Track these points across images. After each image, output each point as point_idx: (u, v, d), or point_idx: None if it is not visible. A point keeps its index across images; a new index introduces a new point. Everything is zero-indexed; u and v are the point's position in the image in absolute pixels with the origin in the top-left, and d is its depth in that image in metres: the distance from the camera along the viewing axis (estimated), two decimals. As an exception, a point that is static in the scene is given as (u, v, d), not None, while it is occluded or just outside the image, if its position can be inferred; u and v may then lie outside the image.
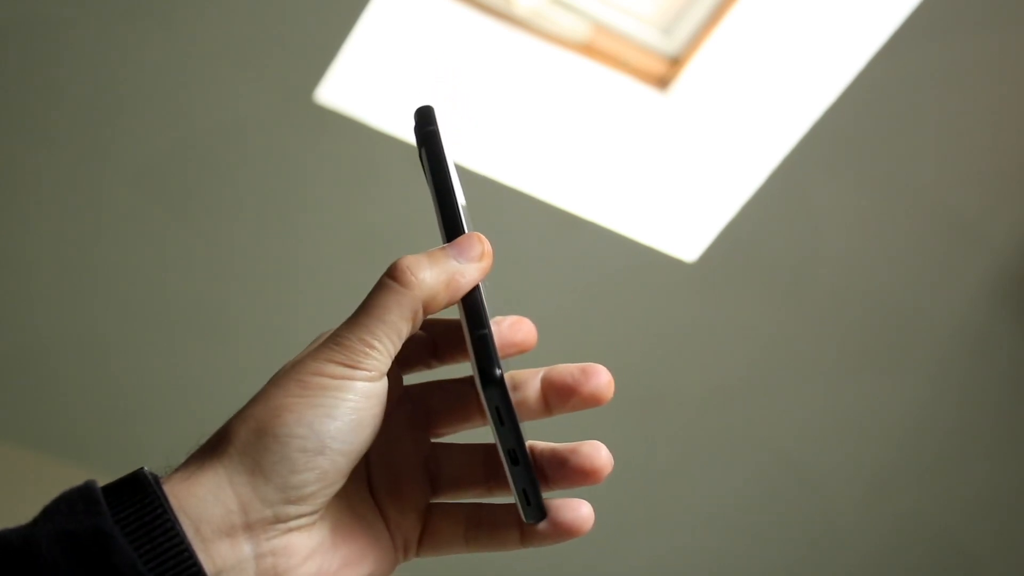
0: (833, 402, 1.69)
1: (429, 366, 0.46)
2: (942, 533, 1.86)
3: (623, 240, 1.47)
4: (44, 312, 1.46)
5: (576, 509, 0.42)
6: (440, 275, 0.41)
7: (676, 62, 1.52)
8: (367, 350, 0.39)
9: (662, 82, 1.52)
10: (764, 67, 1.45)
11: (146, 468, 0.40)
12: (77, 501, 0.37)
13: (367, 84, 1.33)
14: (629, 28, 1.50)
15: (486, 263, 0.42)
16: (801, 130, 1.40)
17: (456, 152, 0.47)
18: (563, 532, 0.42)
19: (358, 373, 0.39)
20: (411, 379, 0.46)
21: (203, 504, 0.38)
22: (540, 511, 0.42)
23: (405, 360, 0.44)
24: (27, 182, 1.35)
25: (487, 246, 0.42)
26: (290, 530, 0.39)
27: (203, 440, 0.42)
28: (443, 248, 0.42)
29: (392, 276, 0.40)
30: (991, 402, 1.74)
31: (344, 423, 0.38)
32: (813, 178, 1.46)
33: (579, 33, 1.47)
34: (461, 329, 0.42)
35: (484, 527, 0.43)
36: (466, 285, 0.41)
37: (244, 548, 0.38)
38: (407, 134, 1.34)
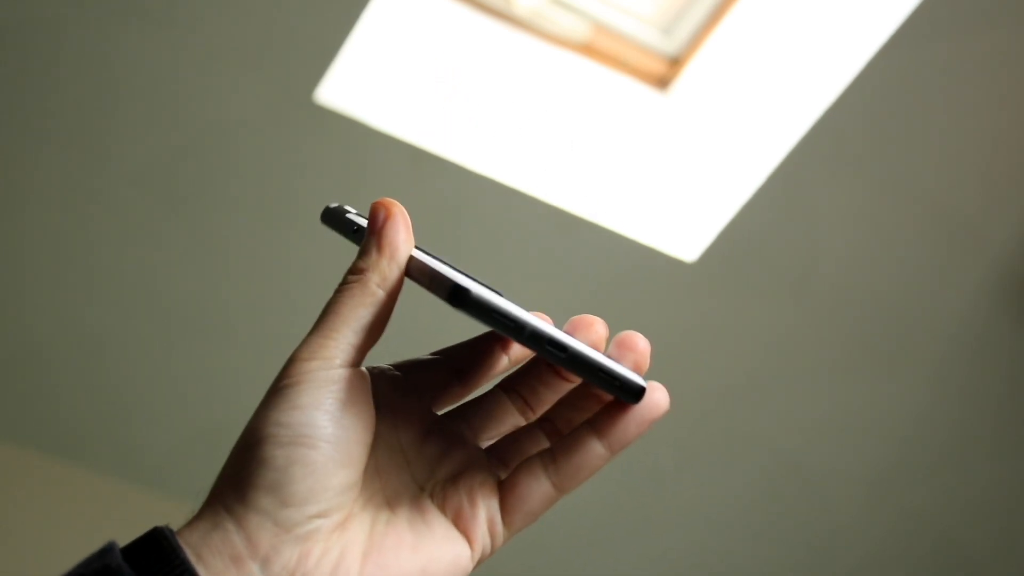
0: (833, 402, 1.69)
1: (455, 393, 0.45)
2: (944, 533, 1.86)
3: (623, 240, 1.47)
4: (41, 311, 1.46)
5: (652, 388, 0.41)
6: (371, 253, 0.41)
7: (676, 62, 1.52)
8: (323, 340, 0.39)
9: (662, 82, 1.52)
10: (764, 67, 1.45)
11: (163, 526, 0.38)
12: (93, 555, 0.36)
13: (367, 84, 1.33)
14: (629, 28, 1.50)
15: (395, 213, 0.42)
16: (801, 130, 1.39)
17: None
18: (646, 413, 0.41)
19: (314, 363, 0.39)
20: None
21: (202, 533, 0.36)
22: (635, 385, 0.41)
23: (429, 387, 0.44)
24: (25, 181, 1.35)
25: (386, 203, 0.42)
26: (301, 539, 0.36)
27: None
28: (365, 237, 0.42)
29: (342, 281, 0.42)
30: (992, 402, 1.74)
31: (313, 410, 0.37)
32: (813, 178, 1.46)
33: (579, 33, 1.47)
34: (481, 352, 0.44)
35: (563, 454, 0.41)
36: (395, 241, 0.41)
37: (251, 567, 0.36)
38: (407, 134, 1.34)
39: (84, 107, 1.28)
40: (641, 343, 0.43)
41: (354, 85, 1.32)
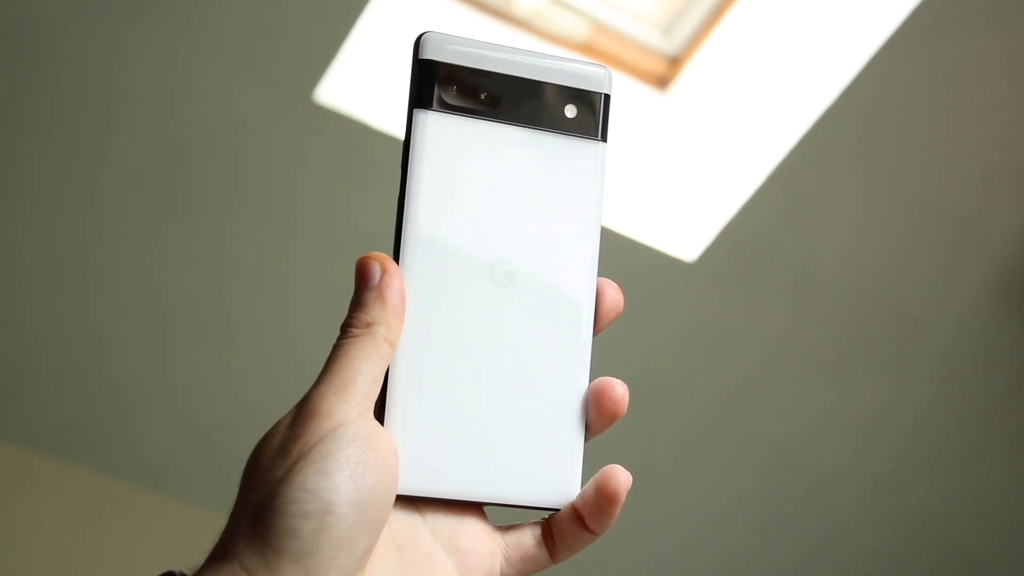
0: (833, 402, 1.69)
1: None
2: (945, 533, 1.86)
3: (623, 240, 1.47)
4: (41, 311, 1.46)
5: (613, 474, 0.42)
6: (374, 306, 0.41)
7: (676, 62, 1.52)
8: (341, 394, 0.39)
9: (662, 82, 1.52)
10: (764, 67, 1.45)
11: (176, 571, 0.39)
12: None
13: (367, 84, 1.33)
14: (629, 28, 1.50)
15: (390, 268, 0.42)
16: (801, 130, 1.39)
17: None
18: (611, 504, 0.42)
19: (336, 417, 0.38)
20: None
21: None
22: (550, 507, 0.43)
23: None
24: (25, 180, 1.35)
25: (379, 257, 0.42)
26: None
27: (216, 541, 0.40)
28: (356, 292, 0.42)
29: (343, 333, 0.41)
30: (993, 402, 1.74)
31: (337, 474, 0.37)
32: (813, 178, 1.46)
33: (579, 33, 1.47)
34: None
35: (557, 533, 0.43)
36: (397, 298, 0.41)
37: None
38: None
39: (84, 107, 1.28)
40: (619, 390, 0.43)
41: (354, 85, 1.32)
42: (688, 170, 1.50)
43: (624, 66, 1.51)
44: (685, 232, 1.50)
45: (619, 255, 1.48)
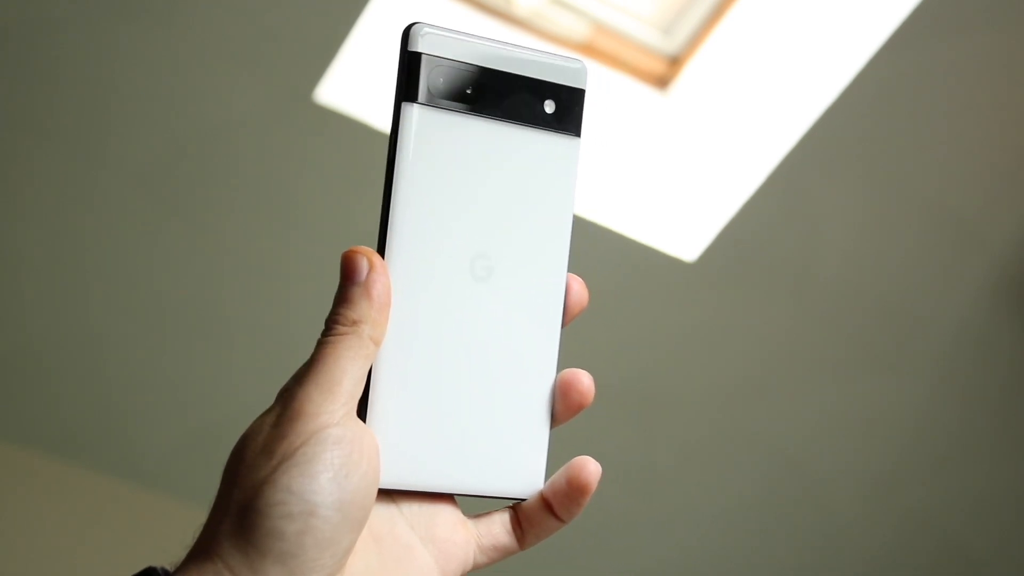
0: (833, 402, 1.69)
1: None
2: (944, 533, 1.86)
3: (623, 240, 1.47)
4: (41, 311, 1.46)
5: (582, 464, 0.43)
6: (361, 303, 0.41)
7: (676, 62, 1.52)
8: (327, 395, 0.39)
9: (662, 82, 1.52)
10: (764, 67, 1.45)
11: (158, 567, 0.39)
12: None
13: (367, 84, 1.33)
14: (629, 28, 1.50)
15: (377, 264, 0.41)
16: (801, 130, 1.39)
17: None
18: (581, 493, 0.43)
19: (322, 418, 0.38)
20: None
21: None
22: (518, 497, 0.44)
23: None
24: (25, 180, 1.35)
25: (366, 252, 0.41)
26: None
27: (196, 536, 0.40)
28: (342, 287, 0.42)
29: (328, 330, 0.41)
30: (992, 402, 1.74)
31: (322, 475, 0.37)
32: (813, 178, 1.46)
33: (579, 33, 1.47)
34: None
35: (525, 520, 0.44)
36: (384, 294, 0.41)
37: None
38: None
39: (84, 107, 1.29)
40: (585, 381, 0.44)
41: (354, 85, 1.32)
42: (688, 170, 1.50)
43: (624, 66, 1.51)
44: (685, 232, 1.50)
45: (619, 255, 1.48)
